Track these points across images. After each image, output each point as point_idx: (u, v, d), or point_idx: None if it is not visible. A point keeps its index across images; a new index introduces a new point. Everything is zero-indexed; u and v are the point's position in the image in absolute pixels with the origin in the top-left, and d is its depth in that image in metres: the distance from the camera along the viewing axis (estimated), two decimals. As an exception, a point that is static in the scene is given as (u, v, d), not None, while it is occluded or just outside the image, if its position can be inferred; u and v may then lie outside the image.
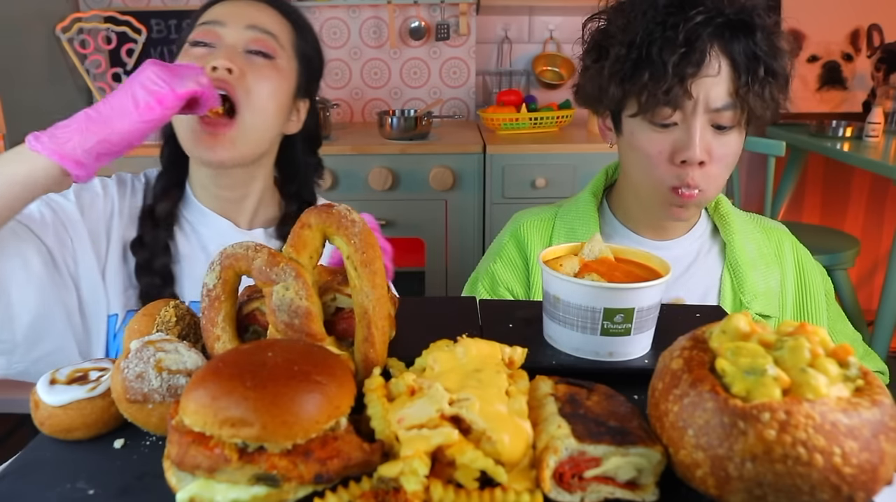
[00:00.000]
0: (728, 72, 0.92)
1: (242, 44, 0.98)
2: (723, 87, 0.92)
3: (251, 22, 0.99)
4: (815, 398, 0.40)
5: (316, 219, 0.57)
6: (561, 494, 0.45)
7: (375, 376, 0.53)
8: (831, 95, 3.10)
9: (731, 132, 0.95)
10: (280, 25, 1.03)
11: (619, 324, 0.60)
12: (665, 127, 0.95)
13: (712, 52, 0.91)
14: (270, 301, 0.56)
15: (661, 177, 0.97)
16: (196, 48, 0.99)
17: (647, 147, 0.97)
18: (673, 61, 0.89)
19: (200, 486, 0.44)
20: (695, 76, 0.90)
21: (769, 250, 1.09)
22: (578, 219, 1.10)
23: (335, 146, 2.48)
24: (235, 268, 0.57)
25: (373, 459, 0.46)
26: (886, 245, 3.21)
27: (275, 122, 1.02)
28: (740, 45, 0.91)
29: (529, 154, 2.45)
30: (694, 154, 0.93)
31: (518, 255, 1.13)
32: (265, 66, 0.99)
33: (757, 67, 0.91)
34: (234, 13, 1.00)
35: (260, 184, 1.08)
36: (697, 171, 0.95)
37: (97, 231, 0.99)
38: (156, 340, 0.55)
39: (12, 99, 2.33)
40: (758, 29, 0.91)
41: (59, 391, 0.54)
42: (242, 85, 0.96)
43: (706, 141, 0.94)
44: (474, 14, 2.94)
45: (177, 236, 1.05)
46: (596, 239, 0.70)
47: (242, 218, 1.08)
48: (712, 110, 0.93)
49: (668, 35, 0.90)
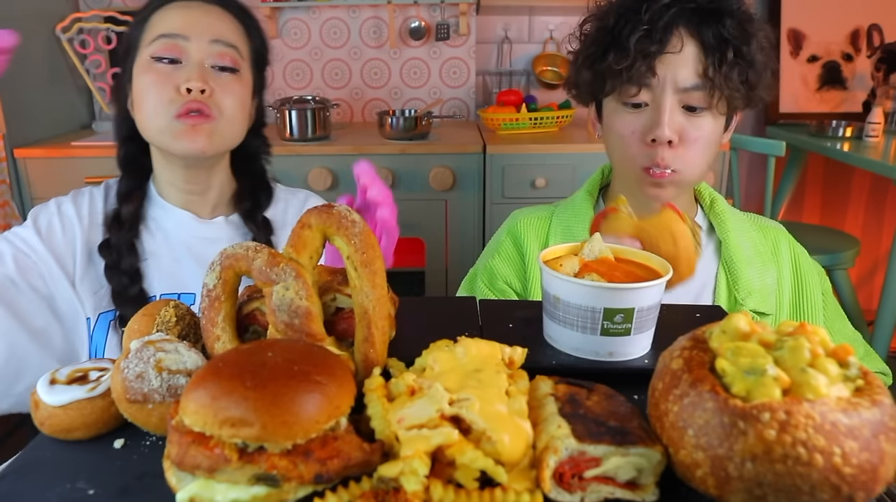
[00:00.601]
0: (696, 53, 0.94)
1: (208, 59, 1.01)
2: (690, 67, 0.94)
3: (215, 36, 1.02)
4: (815, 398, 0.40)
5: (316, 220, 0.58)
6: (561, 494, 0.45)
7: (375, 376, 0.53)
8: (831, 95, 3.11)
9: (704, 115, 0.97)
10: (238, 34, 1.06)
11: (619, 323, 0.60)
12: (637, 107, 0.98)
13: (676, 32, 0.94)
14: (270, 301, 0.56)
15: (634, 156, 1.00)
16: (160, 64, 1.00)
17: (620, 128, 1.01)
18: (634, 39, 0.93)
19: (200, 486, 0.44)
20: (658, 53, 0.94)
21: (765, 248, 1.09)
22: (574, 218, 1.11)
23: (335, 146, 2.48)
24: (235, 268, 0.57)
25: (373, 459, 0.46)
26: (886, 245, 3.21)
27: (242, 126, 1.09)
28: (709, 28, 0.93)
29: (529, 154, 2.45)
30: (662, 133, 0.95)
31: (515, 251, 1.14)
32: (231, 81, 1.03)
33: (725, 50, 0.93)
34: (196, 25, 1.01)
35: (221, 175, 1.13)
36: (668, 152, 0.97)
37: (59, 248, 1.04)
38: (156, 340, 0.55)
39: (12, 99, 2.33)
40: (727, 15, 0.94)
41: (59, 391, 0.54)
42: (214, 102, 1.01)
43: (677, 121, 0.96)
44: (474, 14, 2.94)
45: (142, 234, 1.09)
46: (596, 239, 0.70)
47: (204, 209, 1.12)
48: (681, 90, 0.95)
49: (635, 18, 0.94)
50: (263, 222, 1.15)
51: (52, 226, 1.05)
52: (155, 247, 1.09)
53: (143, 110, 1.02)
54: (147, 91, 1.00)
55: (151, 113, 1.00)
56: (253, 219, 1.14)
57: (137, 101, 1.02)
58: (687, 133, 0.97)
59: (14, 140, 2.38)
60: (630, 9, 0.96)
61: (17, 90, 2.35)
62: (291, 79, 3.03)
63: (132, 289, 1.04)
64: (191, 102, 0.99)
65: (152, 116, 1.00)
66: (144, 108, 1.01)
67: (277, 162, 2.50)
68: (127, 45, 1.05)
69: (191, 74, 0.99)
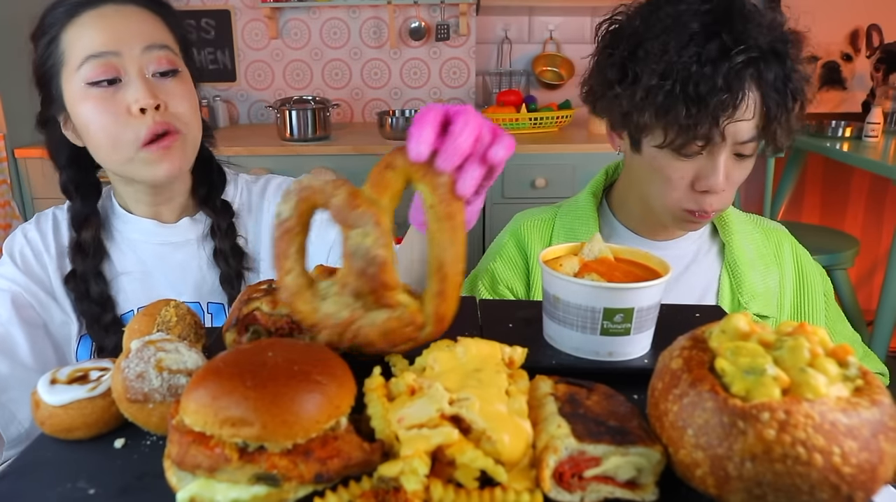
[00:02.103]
0: (757, 103, 0.91)
1: (147, 69, 0.93)
2: (752, 122, 0.92)
3: (145, 42, 0.93)
4: (814, 398, 0.40)
5: (402, 161, 0.53)
6: (561, 494, 0.45)
7: (375, 376, 0.54)
8: (831, 95, 3.11)
9: (750, 158, 0.97)
10: (163, 29, 0.97)
11: (618, 323, 0.60)
12: (689, 157, 0.95)
13: (750, 94, 0.90)
14: (347, 244, 0.52)
15: (679, 199, 0.98)
16: (98, 88, 0.91)
17: (669, 172, 0.96)
18: (713, 104, 0.88)
19: (201, 486, 0.44)
20: (731, 118, 0.89)
21: (768, 251, 1.09)
22: (578, 220, 1.10)
23: (335, 146, 2.48)
24: (312, 200, 0.53)
25: (373, 459, 0.46)
26: (886, 245, 3.21)
27: (200, 125, 1.02)
28: (772, 77, 0.90)
29: (529, 154, 2.45)
30: (717, 184, 0.94)
31: (518, 255, 1.13)
32: (177, 84, 0.96)
33: (786, 100, 0.91)
34: (121, 35, 0.92)
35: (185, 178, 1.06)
36: (716, 197, 0.96)
37: (37, 274, 1.02)
38: (156, 340, 0.55)
39: (12, 99, 2.33)
40: (788, 56, 0.91)
41: (60, 391, 0.54)
42: (172, 115, 0.94)
43: (727, 168, 0.95)
44: (474, 14, 2.94)
45: (110, 252, 1.05)
46: (596, 239, 0.70)
47: (171, 214, 1.07)
48: (738, 143, 0.93)
49: (705, 72, 0.87)
50: (223, 206, 1.09)
51: (24, 255, 1.02)
52: (124, 264, 1.05)
53: (96, 143, 0.94)
54: (94, 121, 0.92)
55: (110, 146, 0.93)
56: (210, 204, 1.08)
57: (84, 132, 0.95)
58: (732, 177, 0.96)
59: (14, 140, 2.38)
60: (694, 56, 0.88)
61: (17, 90, 2.35)
62: (291, 79, 3.03)
63: (105, 317, 1.01)
64: (154, 126, 0.91)
65: (112, 149, 0.94)
66: (97, 141, 0.94)
67: (277, 162, 2.51)
68: (42, 68, 0.96)
69: (137, 92, 0.91)
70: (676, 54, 0.89)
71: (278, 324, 0.61)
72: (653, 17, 0.93)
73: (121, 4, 0.94)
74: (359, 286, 0.52)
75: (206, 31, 2.99)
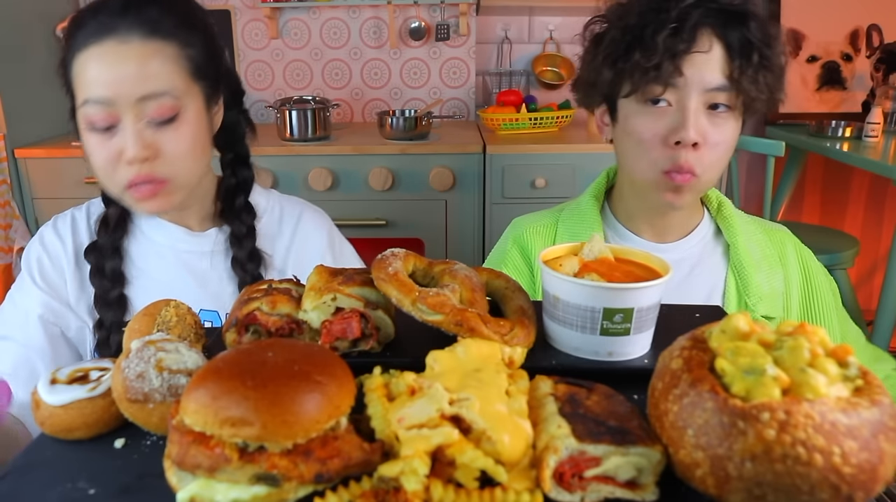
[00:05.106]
0: (722, 53, 0.93)
1: (144, 117, 0.92)
2: (717, 67, 0.93)
3: (142, 92, 0.91)
4: (814, 398, 0.40)
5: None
6: (561, 494, 0.45)
7: (375, 376, 0.54)
8: (831, 95, 3.11)
9: (727, 117, 0.96)
10: (169, 63, 0.93)
11: (618, 323, 0.60)
12: (658, 106, 0.96)
13: (704, 31, 0.93)
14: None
15: (655, 160, 0.97)
16: (94, 135, 0.93)
17: (641, 130, 0.98)
18: (662, 37, 0.91)
19: (201, 486, 0.44)
20: (686, 52, 0.92)
21: (772, 252, 1.08)
22: (582, 223, 1.10)
23: (335, 146, 2.48)
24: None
25: (373, 459, 0.46)
26: (886, 245, 3.21)
27: (202, 162, 1.01)
28: (734, 31, 0.93)
29: (529, 154, 2.45)
30: (688, 134, 0.93)
31: (523, 262, 1.13)
32: (174, 131, 0.94)
33: (751, 52, 0.92)
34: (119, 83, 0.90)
35: (205, 186, 1.07)
36: (692, 154, 0.95)
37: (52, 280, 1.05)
38: (156, 340, 0.55)
39: (12, 99, 2.33)
40: (752, 18, 0.93)
41: (60, 391, 0.54)
42: (162, 163, 0.94)
43: (701, 123, 0.94)
44: (474, 14, 2.94)
45: (132, 249, 1.07)
46: (596, 239, 0.70)
47: (194, 221, 1.08)
48: (707, 90, 0.93)
49: (661, 17, 0.93)
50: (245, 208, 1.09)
51: (41, 264, 1.05)
52: (144, 262, 1.07)
53: (94, 171, 0.97)
54: (92, 154, 0.95)
55: (102, 177, 0.97)
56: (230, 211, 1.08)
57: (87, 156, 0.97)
58: (710, 136, 0.95)
59: (14, 140, 2.38)
60: (654, 7, 0.94)
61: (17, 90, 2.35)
62: (291, 79, 3.03)
63: (113, 292, 1.03)
64: (136, 176, 0.93)
65: (104, 181, 0.97)
66: (94, 170, 0.97)
67: (277, 162, 2.51)
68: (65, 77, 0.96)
69: (127, 144, 0.91)
70: (636, 11, 0.96)
71: (278, 324, 0.61)
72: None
73: (123, 39, 0.90)
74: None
75: (206, 31, 3.00)
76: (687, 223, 1.08)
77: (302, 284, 0.66)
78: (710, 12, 0.92)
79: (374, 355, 0.62)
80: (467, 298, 0.62)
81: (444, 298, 0.58)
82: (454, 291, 0.61)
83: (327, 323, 0.60)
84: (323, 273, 0.64)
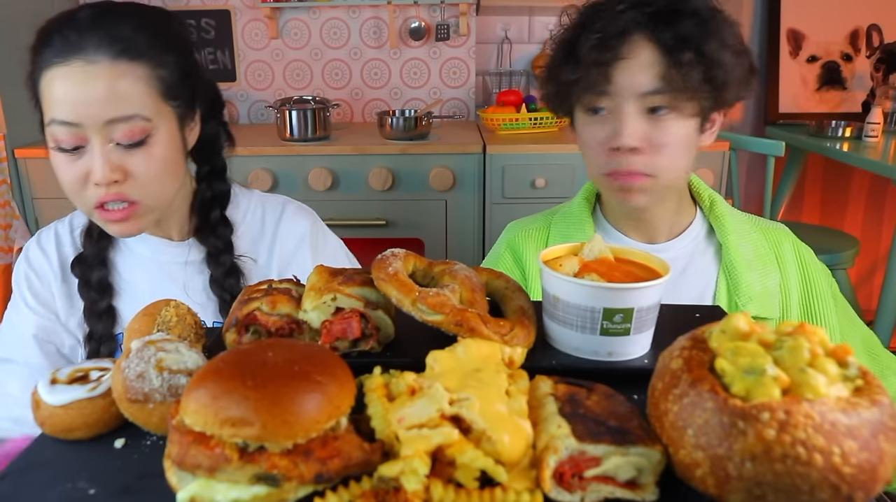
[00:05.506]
0: (654, 56, 0.92)
1: (112, 139, 0.89)
2: (649, 71, 0.93)
3: (109, 115, 0.88)
4: (814, 398, 0.40)
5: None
6: (561, 494, 0.45)
7: (375, 376, 0.54)
8: (831, 95, 3.11)
9: (669, 118, 0.95)
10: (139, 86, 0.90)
11: (618, 323, 0.60)
12: (598, 115, 0.98)
13: (631, 38, 0.93)
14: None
15: (600, 165, 1.00)
16: (61, 154, 0.90)
17: (587, 138, 1.01)
18: (586, 48, 0.93)
19: (201, 486, 0.44)
20: (613, 60, 0.93)
21: (767, 251, 1.07)
22: (574, 226, 1.10)
23: (335, 146, 2.48)
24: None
25: (373, 459, 0.46)
26: (886, 245, 3.21)
27: (174, 181, 0.98)
28: (665, 30, 0.92)
29: (529, 154, 2.45)
30: (623, 140, 0.94)
31: (515, 266, 1.14)
32: (143, 153, 0.91)
33: (683, 50, 0.91)
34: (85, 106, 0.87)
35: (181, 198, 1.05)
36: (634, 158, 0.96)
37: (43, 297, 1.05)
38: (157, 340, 0.55)
39: (12, 99, 2.33)
40: (684, 15, 0.92)
41: (60, 391, 0.54)
42: (132, 185, 0.92)
43: (640, 128, 0.94)
44: (474, 14, 2.94)
45: (116, 258, 1.07)
46: (596, 239, 0.70)
47: (174, 231, 1.07)
48: (641, 95, 0.93)
49: (589, 29, 0.94)
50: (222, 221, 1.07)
51: (29, 279, 1.05)
52: (130, 275, 1.06)
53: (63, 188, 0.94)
54: (60, 175, 0.93)
55: (70, 197, 0.94)
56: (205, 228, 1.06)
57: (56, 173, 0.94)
58: (654, 138, 0.95)
59: (14, 140, 2.38)
60: (587, 19, 0.96)
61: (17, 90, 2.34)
62: (291, 79, 3.03)
63: (101, 303, 1.02)
64: (105, 195, 0.90)
65: (73, 200, 0.95)
66: (63, 187, 0.94)
67: (277, 162, 2.51)
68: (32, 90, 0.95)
69: (95, 166, 0.88)
70: (570, 29, 0.98)
71: (278, 324, 0.61)
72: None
73: (92, 61, 0.87)
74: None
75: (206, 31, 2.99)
76: (676, 223, 1.08)
77: (302, 284, 0.66)
78: (641, 17, 0.92)
79: (374, 355, 0.62)
80: (467, 298, 0.62)
81: (444, 298, 0.58)
82: (454, 291, 0.61)
83: (327, 323, 0.60)
84: (323, 273, 0.64)
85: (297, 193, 2.43)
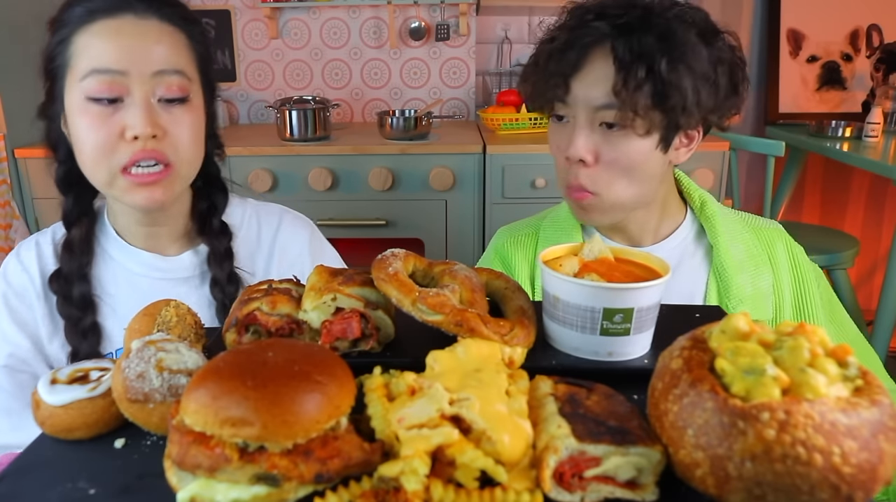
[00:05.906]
0: (611, 70, 0.90)
1: (154, 94, 0.89)
2: (603, 85, 0.91)
3: (158, 66, 0.88)
4: (814, 398, 0.40)
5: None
6: (561, 494, 0.45)
7: (375, 376, 0.54)
8: (831, 95, 3.11)
9: (624, 135, 0.93)
10: (183, 49, 0.93)
11: (618, 323, 0.60)
12: (561, 122, 0.99)
13: (595, 50, 0.92)
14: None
15: (560, 173, 1.01)
16: (97, 105, 0.87)
17: (550, 143, 1.02)
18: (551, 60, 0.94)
19: (201, 486, 0.44)
20: (573, 72, 0.93)
21: (759, 251, 1.06)
22: (561, 231, 1.10)
23: (335, 146, 2.48)
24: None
25: (373, 459, 0.46)
26: (886, 245, 3.21)
27: (200, 159, 0.98)
28: (625, 45, 0.89)
29: (529, 154, 2.45)
30: (574, 150, 0.94)
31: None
32: (183, 112, 0.91)
33: (636, 67, 0.88)
34: (134, 56, 0.87)
35: (182, 205, 1.03)
36: (583, 171, 0.96)
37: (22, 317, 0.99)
38: (157, 340, 0.55)
39: (12, 99, 2.33)
40: (649, 31, 0.89)
41: (60, 391, 0.54)
42: (169, 145, 0.90)
43: (592, 140, 0.94)
44: (474, 14, 2.94)
45: (100, 271, 1.01)
46: (596, 239, 0.70)
47: (167, 242, 1.03)
48: (595, 108, 0.93)
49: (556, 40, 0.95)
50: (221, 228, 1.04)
51: (7, 299, 0.99)
52: (116, 289, 1.01)
53: (82, 157, 0.91)
54: (85, 137, 0.88)
55: (92, 164, 0.90)
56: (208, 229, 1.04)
57: (75, 143, 0.91)
58: (602, 153, 0.94)
59: (14, 140, 2.38)
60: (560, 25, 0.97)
61: (17, 90, 2.35)
62: (291, 79, 3.03)
63: (84, 321, 0.96)
64: (140, 152, 0.87)
65: (94, 167, 0.90)
66: (85, 156, 0.90)
67: (277, 162, 2.51)
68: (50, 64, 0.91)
69: (135, 118, 0.87)
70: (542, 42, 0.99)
71: (278, 324, 0.61)
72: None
73: (142, 17, 0.89)
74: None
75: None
76: (662, 226, 1.07)
77: (302, 284, 0.66)
78: (607, 27, 0.90)
79: (374, 355, 0.62)
80: (467, 298, 0.62)
81: (444, 298, 0.58)
82: (454, 291, 0.61)
83: (327, 323, 0.60)
84: (323, 273, 0.64)
85: (297, 193, 2.44)
